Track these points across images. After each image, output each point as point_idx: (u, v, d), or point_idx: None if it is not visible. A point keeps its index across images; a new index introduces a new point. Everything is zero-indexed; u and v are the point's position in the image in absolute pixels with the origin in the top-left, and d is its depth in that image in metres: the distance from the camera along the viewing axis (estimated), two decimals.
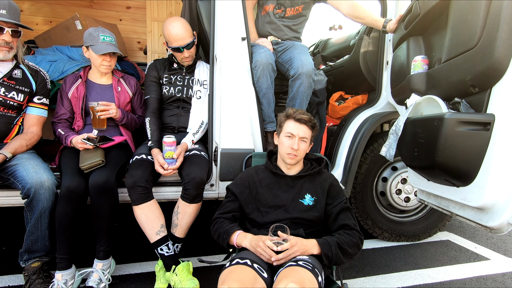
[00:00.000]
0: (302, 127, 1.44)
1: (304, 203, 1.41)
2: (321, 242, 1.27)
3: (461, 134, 1.23)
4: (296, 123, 1.44)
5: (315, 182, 1.47)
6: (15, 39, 1.62)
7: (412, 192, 2.35)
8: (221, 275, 1.15)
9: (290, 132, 1.44)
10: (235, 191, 1.50)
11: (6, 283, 1.75)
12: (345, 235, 1.32)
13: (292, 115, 1.46)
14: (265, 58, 1.92)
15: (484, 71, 1.18)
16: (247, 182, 1.50)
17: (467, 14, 1.24)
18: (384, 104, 2.27)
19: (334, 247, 1.25)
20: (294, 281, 1.02)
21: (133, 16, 3.62)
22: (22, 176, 1.52)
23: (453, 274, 1.98)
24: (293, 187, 1.45)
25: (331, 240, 1.29)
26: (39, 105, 1.78)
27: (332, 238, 1.31)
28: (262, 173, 1.52)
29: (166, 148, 1.70)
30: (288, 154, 1.43)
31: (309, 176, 1.48)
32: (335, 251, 1.25)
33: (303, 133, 1.43)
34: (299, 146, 1.42)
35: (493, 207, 1.23)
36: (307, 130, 1.44)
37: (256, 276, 1.14)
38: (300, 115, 1.45)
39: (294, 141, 1.42)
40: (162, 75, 1.99)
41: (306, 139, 1.44)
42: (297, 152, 1.42)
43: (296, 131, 1.43)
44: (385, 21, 1.93)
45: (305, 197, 1.43)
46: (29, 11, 3.28)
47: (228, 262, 1.25)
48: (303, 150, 1.45)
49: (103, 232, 1.67)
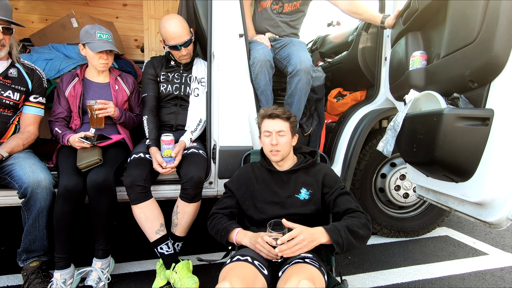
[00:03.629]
0: (276, 121, 1.43)
1: (300, 198, 1.41)
2: (329, 229, 1.19)
3: (460, 129, 1.22)
4: (270, 120, 1.44)
5: (309, 175, 1.45)
6: (6, 37, 1.60)
7: (411, 188, 2.35)
8: (222, 272, 1.15)
9: (266, 130, 1.44)
10: (232, 188, 1.50)
11: (5, 283, 1.74)
12: (351, 218, 1.25)
13: (265, 114, 1.46)
14: (263, 55, 1.91)
15: (483, 66, 1.17)
16: (244, 179, 1.50)
17: (466, 8, 1.23)
18: (383, 100, 2.27)
19: (343, 231, 1.18)
20: (307, 278, 1.01)
21: (130, 13, 3.59)
22: (18, 176, 1.51)
23: (452, 269, 1.99)
24: (288, 183, 1.45)
25: (338, 225, 1.21)
26: (36, 104, 1.77)
27: (339, 222, 1.23)
28: (258, 170, 1.51)
29: (164, 146, 1.69)
30: (271, 152, 1.42)
31: (303, 169, 1.47)
32: (345, 236, 1.17)
33: (278, 127, 1.42)
34: (278, 140, 1.40)
35: (492, 202, 1.23)
36: (282, 123, 1.43)
37: (257, 272, 1.14)
38: (272, 110, 1.44)
39: (272, 137, 1.41)
40: (160, 72, 1.97)
41: (284, 132, 1.42)
42: (278, 146, 1.40)
43: (272, 127, 1.42)
44: (383, 17, 1.92)
45: (300, 191, 1.42)
46: (25, 9, 3.25)
47: (228, 259, 1.24)
48: (285, 143, 1.42)
49: (101, 231, 1.67)
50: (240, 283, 1.04)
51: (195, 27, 2.05)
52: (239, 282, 1.05)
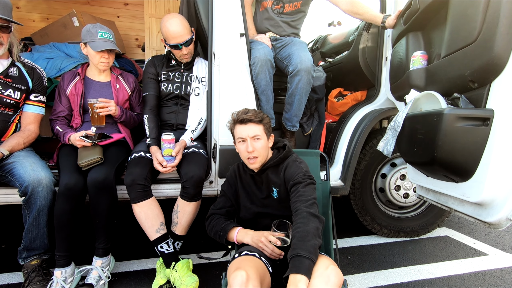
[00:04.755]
0: (249, 126, 1.35)
1: (274, 197, 1.40)
2: (295, 270, 1.01)
3: (460, 129, 1.22)
4: (242, 125, 1.36)
5: (277, 173, 1.38)
6: (5, 35, 1.60)
7: (411, 188, 2.35)
8: (232, 264, 1.15)
9: (240, 137, 1.37)
10: (224, 188, 1.53)
11: (6, 280, 1.75)
12: (296, 223, 1.15)
13: (237, 119, 1.38)
14: (264, 54, 1.91)
15: (483, 66, 1.17)
16: (232, 179, 1.52)
17: (466, 8, 1.23)
18: (383, 100, 2.27)
19: (305, 250, 1.05)
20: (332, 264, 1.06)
21: (131, 13, 3.60)
22: (19, 174, 1.51)
23: (451, 270, 1.99)
24: (262, 183, 1.43)
25: (295, 250, 1.06)
26: (36, 103, 1.77)
27: (293, 248, 1.08)
28: (242, 170, 1.50)
29: (165, 145, 1.69)
30: (248, 159, 1.35)
31: (272, 168, 1.39)
32: (307, 253, 1.04)
33: (252, 132, 1.35)
34: (254, 146, 1.33)
35: (492, 203, 1.23)
36: (255, 127, 1.35)
37: (265, 268, 1.17)
38: (243, 115, 1.36)
39: (247, 144, 1.34)
40: (160, 72, 1.98)
41: (259, 135, 1.35)
42: (255, 153, 1.34)
43: (246, 133, 1.35)
44: (384, 17, 1.92)
45: (273, 190, 1.40)
46: (26, 8, 3.26)
47: (236, 253, 1.25)
48: (261, 148, 1.35)
49: (102, 230, 1.67)
50: (254, 273, 1.06)
51: (196, 26, 2.05)
52: (253, 272, 1.06)
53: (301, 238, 1.08)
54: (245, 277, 1.02)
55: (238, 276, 1.03)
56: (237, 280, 1.02)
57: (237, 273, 1.03)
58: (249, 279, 1.02)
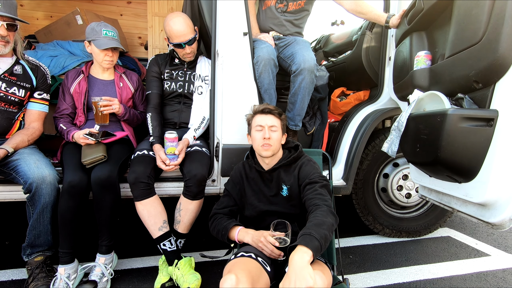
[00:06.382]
0: (269, 117, 1.44)
1: (283, 194, 1.41)
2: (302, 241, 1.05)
3: (464, 130, 1.22)
4: (262, 115, 1.44)
5: (289, 171, 1.43)
6: (11, 33, 1.61)
7: (414, 188, 2.35)
8: (226, 266, 1.17)
9: (259, 125, 1.43)
10: (228, 187, 1.53)
11: (10, 277, 1.76)
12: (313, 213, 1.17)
13: (258, 109, 1.47)
14: (267, 53, 1.91)
15: (488, 67, 1.17)
16: (237, 178, 1.52)
17: (471, 9, 1.23)
18: (386, 100, 2.26)
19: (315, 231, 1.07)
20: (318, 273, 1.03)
21: (134, 11, 3.60)
22: (24, 171, 1.52)
23: (453, 270, 1.99)
24: (271, 181, 1.45)
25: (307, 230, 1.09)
26: (40, 101, 1.78)
27: (306, 227, 1.12)
28: (248, 168, 1.52)
29: (168, 144, 1.70)
30: (263, 146, 1.40)
31: (284, 166, 1.44)
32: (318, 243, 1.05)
33: (271, 122, 1.43)
34: (271, 135, 1.40)
35: (495, 203, 1.23)
36: (274, 119, 1.44)
37: (261, 268, 1.17)
38: (265, 106, 1.46)
39: (264, 131, 1.41)
40: (164, 70, 1.98)
41: (276, 127, 1.43)
42: (270, 141, 1.40)
43: (264, 122, 1.42)
44: (388, 16, 1.92)
45: (283, 188, 1.42)
46: (30, 6, 3.27)
47: (232, 255, 1.26)
48: (276, 139, 1.42)
49: (105, 227, 1.68)
50: (245, 276, 1.06)
51: (199, 25, 2.05)
52: (244, 275, 1.07)
53: (317, 224, 1.11)
54: (234, 281, 1.03)
55: (228, 280, 1.04)
56: (227, 284, 1.04)
57: (227, 277, 1.05)
58: (238, 282, 1.03)
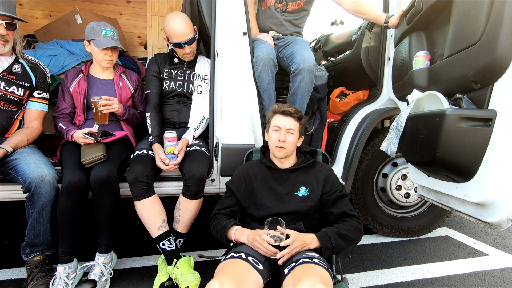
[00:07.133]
0: (288, 119, 1.45)
1: (299, 195, 1.42)
2: (319, 235, 1.28)
3: (463, 130, 1.23)
4: (282, 116, 1.46)
5: (309, 174, 1.47)
6: (10, 32, 1.61)
7: (412, 188, 2.35)
8: (216, 270, 1.18)
9: (276, 126, 1.46)
10: (232, 187, 1.51)
11: (9, 276, 1.77)
12: (344, 222, 1.34)
13: (278, 110, 1.48)
14: (266, 53, 1.91)
15: (486, 67, 1.17)
16: (243, 177, 1.51)
17: (470, 9, 1.23)
18: (385, 100, 2.27)
19: (333, 237, 1.26)
20: (320, 282, 1.02)
21: (134, 10, 3.60)
22: (23, 171, 1.52)
23: (452, 270, 2.00)
24: (287, 180, 1.46)
25: (329, 231, 1.29)
26: (39, 100, 1.78)
27: (330, 229, 1.31)
28: (257, 168, 1.53)
29: (167, 143, 1.70)
30: (276, 147, 1.44)
31: (303, 168, 1.49)
32: (335, 242, 1.26)
33: (289, 124, 1.44)
34: (286, 137, 1.42)
35: (493, 203, 1.23)
36: (293, 122, 1.45)
37: (250, 268, 1.16)
38: (286, 107, 1.46)
39: (280, 133, 1.43)
40: (163, 69, 1.98)
41: (293, 130, 1.45)
42: (285, 144, 1.42)
43: (282, 124, 1.44)
44: (387, 16, 1.92)
45: (299, 189, 1.43)
46: (29, 5, 3.26)
47: (223, 256, 1.26)
48: (291, 142, 1.44)
49: (104, 226, 1.68)
50: (230, 280, 1.05)
51: (198, 24, 2.05)
52: (229, 278, 1.06)
53: (340, 234, 1.28)
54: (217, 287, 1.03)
55: (211, 286, 1.04)
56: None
57: (211, 283, 1.05)
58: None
